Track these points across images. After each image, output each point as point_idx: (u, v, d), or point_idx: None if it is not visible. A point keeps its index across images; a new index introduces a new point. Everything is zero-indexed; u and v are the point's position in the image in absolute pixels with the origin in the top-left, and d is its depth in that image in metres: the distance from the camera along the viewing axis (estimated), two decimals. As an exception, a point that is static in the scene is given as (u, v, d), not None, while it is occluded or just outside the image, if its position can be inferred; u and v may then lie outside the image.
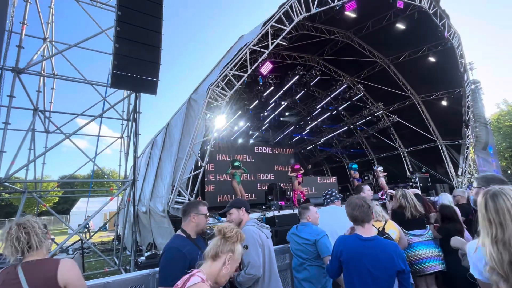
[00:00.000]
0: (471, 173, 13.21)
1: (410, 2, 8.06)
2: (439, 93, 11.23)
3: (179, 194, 5.79)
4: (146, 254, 4.67)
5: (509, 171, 28.12)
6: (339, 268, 2.02)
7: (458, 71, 9.98)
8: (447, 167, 11.94)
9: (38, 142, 7.75)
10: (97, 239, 14.15)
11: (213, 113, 6.03)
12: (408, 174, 12.71)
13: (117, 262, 7.16)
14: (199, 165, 6.30)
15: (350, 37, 10.81)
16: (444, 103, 11.13)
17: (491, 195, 1.30)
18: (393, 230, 2.87)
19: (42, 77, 6.73)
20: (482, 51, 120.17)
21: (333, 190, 3.57)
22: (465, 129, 11.04)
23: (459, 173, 11.64)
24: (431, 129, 12.13)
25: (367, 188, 3.70)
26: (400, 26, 9.18)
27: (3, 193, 7.64)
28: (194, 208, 2.18)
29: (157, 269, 2.34)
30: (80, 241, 6.40)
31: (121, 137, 8.65)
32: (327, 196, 3.49)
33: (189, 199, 5.81)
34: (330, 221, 3.14)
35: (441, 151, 12.05)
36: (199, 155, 6.84)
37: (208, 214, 2.23)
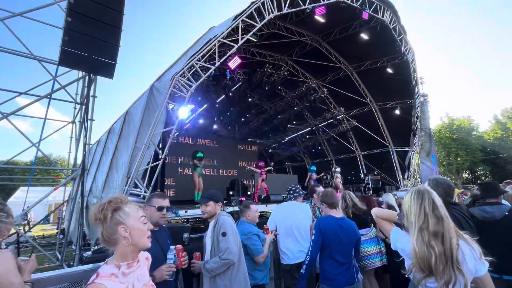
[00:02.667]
0: (415, 177, 14.64)
1: (374, 15, 8.58)
2: (394, 103, 12.19)
3: (135, 186, 5.50)
4: (93, 248, 4.35)
5: (446, 177, 31.65)
6: (321, 241, 2.52)
7: (410, 83, 10.93)
8: (395, 171, 13.04)
9: (-32, 121, 6.74)
10: (39, 233, 12.87)
11: (177, 104, 5.81)
12: (362, 176, 13.62)
13: (59, 257, 6.57)
14: (159, 157, 6.05)
15: (318, 41, 11.19)
16: (397, 112, 12.12)
17: (417, 192, 1.52)
18: None
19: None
20: (431, 68, 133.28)
21: (298, 186, 3.64)
22: (413, 137, 12.15)
23: (405, 176, 12.81)
24: (385, 135, 13.13)
25: (320, 189, 3.81)
26: (364, 36, 9.75)
27: None
28: (148, 199, 2.16)
29: (101, 263, 2.20)
30: (16, 234, 5.75)
31: (73, 122, 7.90)
32: (291, 192, 3.57)
33: (145, 192, 5.55)
34: (287, 216, 3.27)
35: (392, 156, 13.12)
36: (160, 146, 6.57)
37: (160, 206, 2.13)
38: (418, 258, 1.36)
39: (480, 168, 32.57)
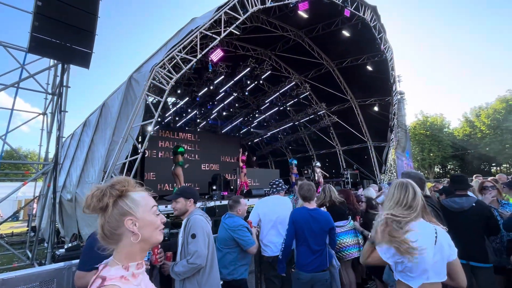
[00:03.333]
0: (391, 171, 15.28)
1: (356, 12, 8.73)
2: (373, 99, 12.56)
3: (112, 180, 5.31)
4: (67, 246, 4.16)
5: (419, 171, 33.30)
6: (294, 230, 2.71)
7: (389, 81, 11.28)
8: (373, 165, 13.51)
9: None
10: (7, 231, 12.15)
11: (156, 96, 5.64)
12: (342, 170, 14.01)
13: (30, 256, 6.25)
14: (138, 151, 5.87)
15: (301, 37, 11.24)
16: (376, 108, 12.50)
17: (401, 184, 1.66)
18: None
19: None
20: (409, 67, 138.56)
21: (280, 181, 3.68)
22: (390, 133, 12.62)
23: (382, 171, 13.32)
24: (364, 131, 13.53)
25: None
26: (346, 33, 9.91)
27: None
28: None
29: (74, 261, 2.11)
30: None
31: (44, 114, 7.46)
32: (274, 186, 3.61)
33: (123, 187, 5.37)
34: (271, 210, 3.34)
35: (370, 151, 13.57)
36: (139, 140, 6.38)
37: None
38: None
39: (450, 163, 34.55)
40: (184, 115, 13.02)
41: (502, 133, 26.12)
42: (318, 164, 11.68)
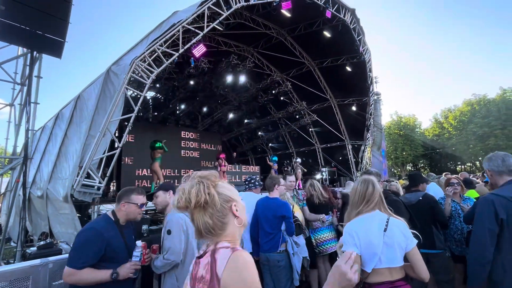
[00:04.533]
0: (367, 169, 15.93)
1: (336, 14, 8.97)
2: (351, 99, 12.98)
3: (88, 176, 5.11)
4: (38, 244, 3.97)
5: (393, 169, 34.97)
6: (256, 215, 3.12)
7: (366, 82, 11.72)
8: (350, 163, 14.02)
9: None
10: (-32, 229, 11.28)
11: (136, 90, 5.49)
12: (320, 167, 14.40)
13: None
14: (116, 146, 5.69)
15: (283, 35, 11.35)
16: (354, 108, 12.95)
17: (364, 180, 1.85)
18: (298, 212, 3.44)
19: None
20: (386, 68, 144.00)
21: (255, 177, 3.70)
22: (366, 133, 13.13)
23: (358, 168, 13.86)
24: (342, 130, 13.97)
25: (290, 178, 3.91)
26: (327, 34, 10.15)
27: None
28: (126, 196, 2.01)
29: (51, 258, 2.06)
30: None
31: (11, 105, 6.99)
32: (247, 183, 3.65)
33: (100, 182, 5.21)
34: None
35: (347, 150, 14.05)
36: (116, 134, 6.18)
37: (141, 204, 2.05)
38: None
39: (421, 161, 36.56)
40: (164, 109, 12.72)
41: (467, 134, 28.00)
42: (299, 160, 11.93)
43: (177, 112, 13.68)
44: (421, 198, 3.17)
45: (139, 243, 1.96)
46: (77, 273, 1.65)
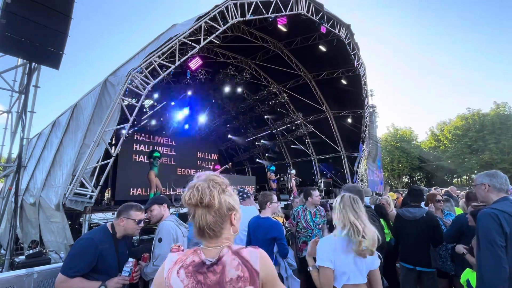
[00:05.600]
0: (362, 181, 15.98)
1: (331, 29, 9.22)
2: (346, 111, 13.16)
3: (81, 185, 5.14)
4: (27, 253, 3.96)
5: (389, 181, 35.03)
6: (249, 234, 3.00)
7: (361, 95, 11.92)
8: (346, 174, 14.08)
9: None
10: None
11: (132, 100, 5.59)
12: (316, 178, 14.44)
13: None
14: (111, 155, 5.74)
15: (280, 48, 11.60)
16: (349, 120, 13.11)
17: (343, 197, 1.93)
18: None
19: None
20: (382, 81, 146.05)
21: (244, 189, 3.63)
22: (362, 145, 13.26)
23: (354, 180, 13.91)
24: (337, 141, 14.10)
25: (315, 193, 3.85)
26: (322, 48, 10.41)
27: None
28: (125, 211, 2.10)
29: (36, 268, 2.09)
30: None
31: (9, 112, 7.06)
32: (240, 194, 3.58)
33: (92, 191, 5.23)
34: None
35: (343, 161, 14.13)
36: (113, 143, 6.23)
37: (139, 220, 2.13)
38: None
39: (417, 174, 36.70)
40: (161, 118, 12.82)
41: (462, 147, 28.28)
42: (293, 171, 11.99)
43: (174, 120, 13.77)
44: (425, 215, 3.10)
45: (131, 259, 2.03)
46: (68, 281, 1.72)
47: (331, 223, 4.05)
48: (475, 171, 28.09)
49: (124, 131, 5.75)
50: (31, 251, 4.05)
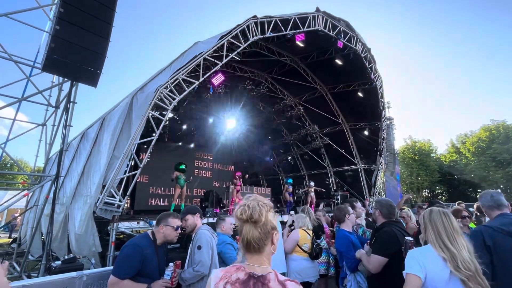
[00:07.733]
0: (380, 194, 15.61)
1: (348, 44, 9.39)
2: (363, 124, 13.09)
3: (111, 195, 5.42)
4: (63, 258, 4.21)
5: (387, 198, 33.85)
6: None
7: (378, 108, 11.88)
8: (363, 187, 13.84)
9: None
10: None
11: (158, 114, 5.90)
12: (332, 191, 14.27)
13: (17, 267, 6.16)
14: (138, 166, 6.03)
15: (297, 62, 11.86)
16: (366, 132, 13.02)
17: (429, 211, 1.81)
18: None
19: None
20: (399, 92, 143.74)
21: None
22: (379, 157, 13.07)
23: (371, 193, 13.64)
24: (354, 154, 13.96)
25: (358, 205, 3.99)
26: (339, 61, 10.56)
27: None
28: (164, 219, 2.30)
29: (85, 272, 2.27)
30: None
31: (43, 125, 7.58)
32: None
33: (120, 201, 5.49)
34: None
35: (360, 174, 13.93)
36: (140, 157, 6.53)
37: (177, 226, 2.32)
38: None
39: (437, 187, 35.29)
40: (181, 131, 13.24)
41: (486, 160, 27.10)
42: (312, 183, 11.93)
43: (192, 133, 14.17)
44: None
45: (171, 264, 2.20)
46: (119, 283, 1.91)
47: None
48: (501, 186, 26.76)
49: (152, 143, 6.03)
50: (65, 257, 4.31)
